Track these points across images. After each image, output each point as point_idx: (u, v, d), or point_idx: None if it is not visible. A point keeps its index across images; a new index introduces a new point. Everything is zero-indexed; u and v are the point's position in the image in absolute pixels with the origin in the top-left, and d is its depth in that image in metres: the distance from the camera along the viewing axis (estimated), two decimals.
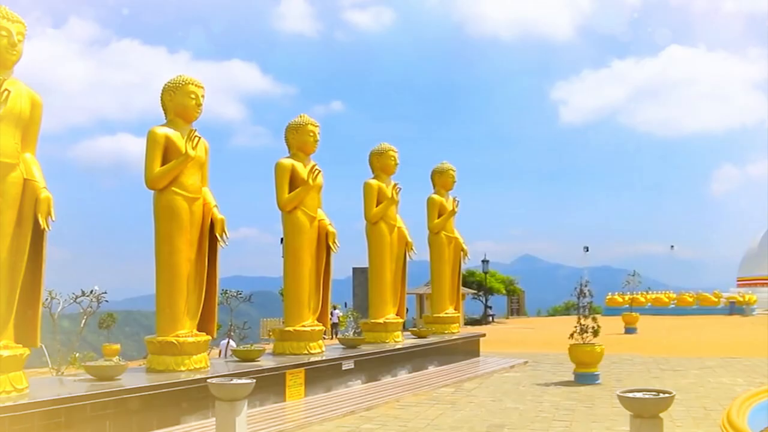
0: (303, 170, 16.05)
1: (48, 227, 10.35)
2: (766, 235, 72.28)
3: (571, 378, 17.53)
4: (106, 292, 17.41)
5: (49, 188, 10.44)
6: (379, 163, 19.90)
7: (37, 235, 10.30)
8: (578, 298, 18.62)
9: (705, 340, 30.98)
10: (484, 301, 54.51)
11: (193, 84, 13.48)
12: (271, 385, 13.66)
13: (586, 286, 18.63)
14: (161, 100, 13.57)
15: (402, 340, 19.66)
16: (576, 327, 17.66)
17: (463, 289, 40.22)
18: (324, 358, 15.68)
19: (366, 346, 18.01)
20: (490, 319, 51.93)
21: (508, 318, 57.64)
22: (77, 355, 17.86)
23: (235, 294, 18.34)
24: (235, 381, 9.67)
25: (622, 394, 8.15)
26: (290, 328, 15.83)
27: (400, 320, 20.07)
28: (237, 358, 14.67)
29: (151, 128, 13.13)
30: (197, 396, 11.69)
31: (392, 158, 19.91)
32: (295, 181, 16.01)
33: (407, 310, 30.83)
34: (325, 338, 17.32)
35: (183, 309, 12.93)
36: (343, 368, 16.03)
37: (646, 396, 8.04)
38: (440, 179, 23.48)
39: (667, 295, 61.62)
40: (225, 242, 13.77)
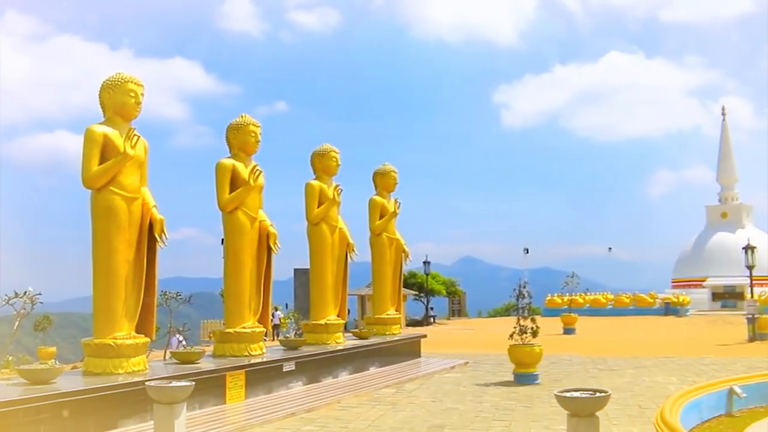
0: (244, 171, 15.94)
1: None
2: (699, 238, 74.17)
3: (511, 378, 17.73)
4: (40, 294, 17.05)
5: None
6: (321, 164, 19.88)
7: None
8: (517, 300, 18.85)
9: (641, 340, 31.64)
10: (426, 303, 54.76)
11: (132, 82, 13.27)
12: (211, 388, 13.53)
13: (524, 287, 18.87)
14: (100, 97, 13.32)
15: (343, 342, 19.66)
16: (515, 328, 17.88)
17: (405, 291, 40.42)
18: (265, 360, 15.59)
19: (307, 347, 17.96)
20: (432, 320, 52.17)
21: (449, 319, 58.00)
22: (10, 358, 17.46)
23: (175, 295, 18.10)
24: (174, 384, 9.55)
25: (559, 394, 8.27)
26: (231, 330, 15.69)
27: (342, 321, 20.06)
28: (176, 360, 14.49)
29: (88, 126, 12.88)
30: (135, 399, 11.50)
31: (334, 159, 19.90)
32: (236, 182, 15.89)
33: (349, 312, 30.81)
34: (266, 340, 17.22)
35: (121, 311, 12.71)
36: (284, 370, 15.96)
37: (583, 395, 8.17)
38: (382, 181, 23.54)
39: (604, 296, 62.75)
40: (164, 243, 13.59)
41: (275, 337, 31.54)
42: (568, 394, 8.22)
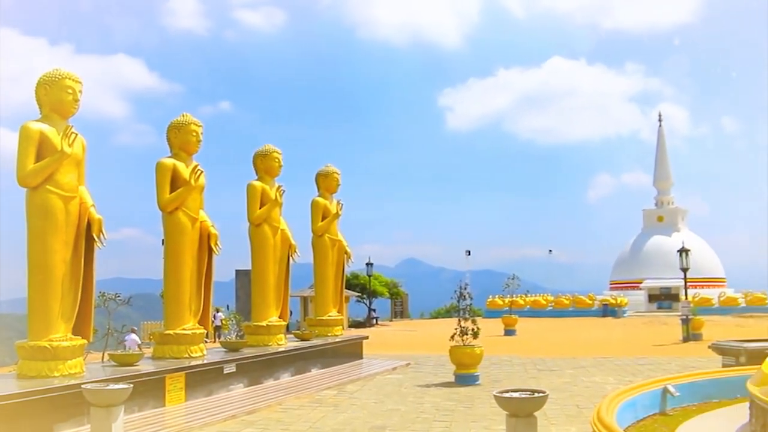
0: (185, 170, 15.77)
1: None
2: (637, 241, 75.67)
3: (452, 379, 17.87)
4: None
5: None
6: (263, 165, 19.77)
7: None
8: (459, 301, 18.99)
9: (580, 341, 32.14)
10: (368, 304, 54.80)
11: (70, 78, 13.02)
12: (150, 390, 13.35)
13: (465, 289, 19.03)
14: (36, 94, 13.03)
15: (285, 343, 19.57)
16: (456, 329, 18.02)
17: (347, 292, 40.39)
18: (205, 362, 15.43)
19: (248, 349, 17.84)
20: (374, 321, 52.21)
21: (391, 320, 58.12)
22: None
23: (114, 297, 17.84)
24: (112, 386, 9.42)
25: (498, 395, 8.36)
26: (170, 332, 15.50)
27: (283, 323, 19.97)
28: (115, 363, 14.26)
29: (24, 123, 12.59)
30: (72, 403, 11.26)
31: (276, 160, 19.81)
32: (176, 182, 15.71)
33: (291, 313, 30.70)
34: (206, 341, 17.07)
35: (57, 312, 12.45)
36: (225, 372, 15.83)
37: (521, 396, 8.28)
38: (325, 182, 23.51)
39: (544, 298, 63.58)
40: (102, 243, 13.37)
41: (216, 339, 31.28)
42: (507, 395, 8.32)
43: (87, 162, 13.53)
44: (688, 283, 41.25)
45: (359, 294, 54.80)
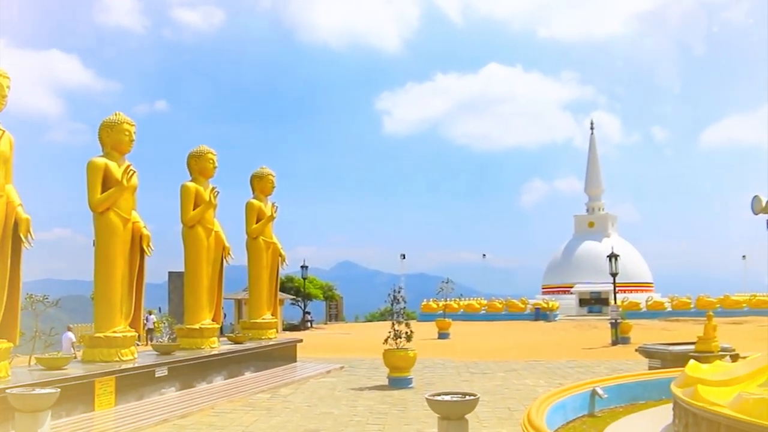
0: (117, 170, 15.53)
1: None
2: (568, 246, 77.04)
3: (386, 382, 17.93)
4: None
5: None
6: (198, 166, 19.59)
7: None
8: (392, 304, 19.08)
9: (512, 345, 32.51)
10: (303, 307, 54.59)
11: None
12: (78, 395, 13.09)
13: (399, 292, 19.13)
14: None
15: (218, 346, 19.40)
16: (390, 332, 18.10)
17: (281, 295, 40.17)
18: (136, 366, 15.20)
19: (181, 352, 17.65)
20: (309, 324, 52.01)
21: (326, 323, 57.99)
22: None
23: (42, 298, 17.38)
24: (38, 391, 9.21)
25: (430, 397, 8.44)
26: (100, 335, 15.23)
27: (217, 326, 19.80)
28: (42, 367, 13.94)
29: None
30: None
31: (211, 161, 19.66)
32: (108, 182, 15.45)
33: (225, 316, 30.41)
34: (138, 345, 16.83)
35: None
36: (157, 375, 15.62)
37: (453, 399, 8.37)
38: (259, 184, 23.42)
39: (478, 302, 64.23)
40: (30, 243, 13.03)
41: (148, 342, 30.80)
42: (439, 398, 8.41)
43: (15, 160, 13.19)
44: (618, 288, 42.18)
45: (294, 297, 54.58)
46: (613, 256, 39.38)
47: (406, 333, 18.07)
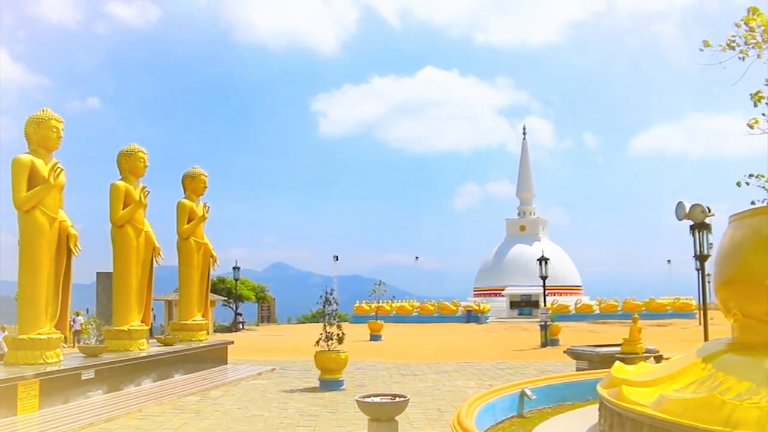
0: (44, 168, 15.16)
1: None
2: (500, 249, 78.04)
3: (317, 384, 17.90)
4: None
5: None
6: (128, 165, 19.25)
7: None
8: (324, 306, 19.06)
9: (444, 347, 32.77)
10: (235, 308, 54.14)
11: None
12: (1, 399, 12.74)
13: (331, 294, 19.11)
14: None
15: (147, 348, 19.10)
16: (322, 334, 18.09)
17: (213, 296, 39.77)
18: (62, 368, 14.84)
19: (108, 354, 17.31)
20: (240, 326, 51.61)
21: (258, 325, 57.60)
22: None
23: None
24: None
25: (360, 399, 8.46)
26: (24, 336, 14.83)
27: (146, 327, 19.48)
28: None
29: None
30: None
31: (141, 160, 19.33)
32: (34, 179, 15.07)
33: (154, 317, 29.96)
34: (64, 347, 16.45)
35: None
36: (83, 378, 15.29)
37: (383, 400, 8.41)
38: (191, 184, 23.15)
39: (410, 304, 64.62)
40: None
41: (75, 344, 30.16)
42: (369, 399, 8.44)
43: None
44: (547, 291, 42.90)
45: (225, 298, 54.11)
46: (543, 260, 40.11)
47: (338, 335, 18.07)
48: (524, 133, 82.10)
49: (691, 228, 17.19)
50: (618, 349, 16.94)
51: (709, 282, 11.43)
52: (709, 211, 16.77)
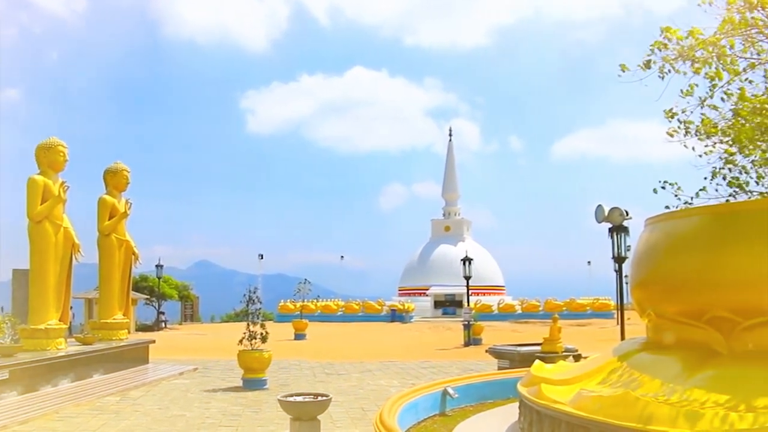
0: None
1: None
2: (425, 249, 78.68)
3: (240, 384, 17.78)
4: None
5: None
6: (47, 159, 18.74)
7: None
8: (248, 305, 18.95)
9: (368, 346, 32.89)
10: (157, 307, 53.26)
11: None
12: None
13: (255, 292, 19.00)
14: None
15: (65, 348, 18.63)
16: (245, 333, 17.98)
17: (135, 294, 39.07)
18: None
19: (24, 354, 16.84)
20: (163, 325, 50.80)
21: (181, 324, 56.79)
22: None
23: None
24: None
25: (282, 399, 8.46)
26: None
27: (64, 326, 19.00)
28: None
29: None
30: None
31: (61, 154, 18.84)
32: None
33: (73, 316, 29.25)
34: None
35: None
36: None
37: (305, 399, 8.42)
38: (113, 179, 22.71)
39: (335, 303, 64.60)
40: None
41: None
42: (291, 399, 8.44)
43: None
44: (471, 291, 43.38)
45: (148, 296, 53.20)
46: (467, 260, 40.53)
47: (262, 334, 17.99)
48: (450, 135, 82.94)
49: (610, 230, 17.62)
50: (538, 348, 17.30)
51: (626, 283, 11.76)
52: (627, 215, 17.22)
